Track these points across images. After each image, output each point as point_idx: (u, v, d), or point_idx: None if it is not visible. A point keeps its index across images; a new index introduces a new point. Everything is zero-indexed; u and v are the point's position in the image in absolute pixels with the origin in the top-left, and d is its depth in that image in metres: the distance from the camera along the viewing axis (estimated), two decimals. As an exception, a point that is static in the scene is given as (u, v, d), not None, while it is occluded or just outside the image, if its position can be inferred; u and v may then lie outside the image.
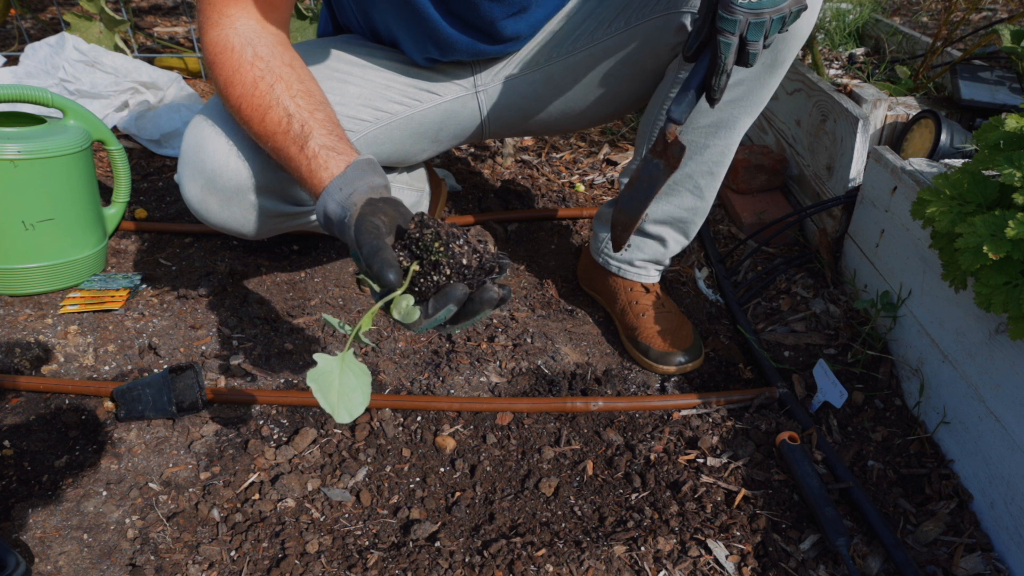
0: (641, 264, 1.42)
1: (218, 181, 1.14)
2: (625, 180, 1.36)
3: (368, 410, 1.23)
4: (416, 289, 0.85)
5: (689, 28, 1.16)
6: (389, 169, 1.43)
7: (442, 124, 1.36)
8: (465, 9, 1.20)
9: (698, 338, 1.38)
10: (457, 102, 1.35)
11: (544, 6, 1.29)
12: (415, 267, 0.85)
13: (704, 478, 1.10)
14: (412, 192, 1.51)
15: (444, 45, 1.26)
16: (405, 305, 0.85)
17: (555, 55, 1.31)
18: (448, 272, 0.84)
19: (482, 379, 1.31)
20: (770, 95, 1.20)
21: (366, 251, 0.85)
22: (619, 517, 1.06)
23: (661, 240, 1.38)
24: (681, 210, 1.33)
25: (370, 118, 1.27)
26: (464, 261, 0.85)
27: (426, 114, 1.33)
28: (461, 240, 0.86)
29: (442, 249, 0.84)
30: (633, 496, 1.09)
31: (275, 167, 1.10)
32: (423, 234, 0.85)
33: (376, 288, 0.85)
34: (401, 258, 0.86)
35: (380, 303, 0.85)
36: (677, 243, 1.39)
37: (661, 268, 1.45)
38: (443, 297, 0.83)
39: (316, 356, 0.84)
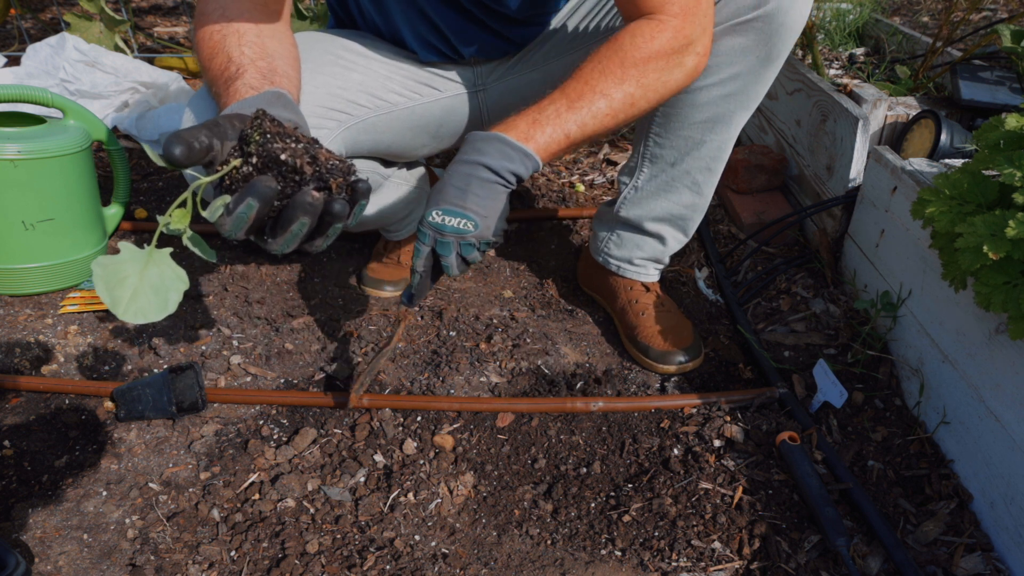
0: (640, 262, 1.42)
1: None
2: (624, 179, 1.37)
3: (368, 410, 1.23)
4: (233, 188, 0.76)
5: None
6: (388, 163, 1.43)
7: (442, 120, 1.37)
8: (480, 13, 1.22)
9: (698, 338, 1.38)
10: (458, 99, 1.36)
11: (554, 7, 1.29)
12: (236, 163, 0.76)
13: (704, 478, 1.10)
14: (411, 189, 1.51)
15: (452, 46, 1.28)
16: (220, 203, 0.75)
17: (554, 54, 1.32)
18: (257, 163, 0.74)
19: (482, 379, 1.31)
20: (765, 90, 1.21)
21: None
22: (619, 517, 1.06)
23: (660, 238, 1.38)
24: (680, 207, 1.33)
25: (369, 104, 1.27)
26: (282, 157, 0.74)
27: (427, 108, 1.34)
28: (292, 140, 0.76)
29: (258, 138, 0.75)
30: (633, 496, 1.09)
31: None
32: (252, 128, 0.76)
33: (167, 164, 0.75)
34: (231, 154, 0.77)
35: (187, 192, 0.76)
36: (676, 240, 1.39)
37: (660, 267, 1.45)
38: (244, 190, 0.74)
39: (121, 244, 0.74)
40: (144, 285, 0.71)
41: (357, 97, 1.26)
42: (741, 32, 1.12)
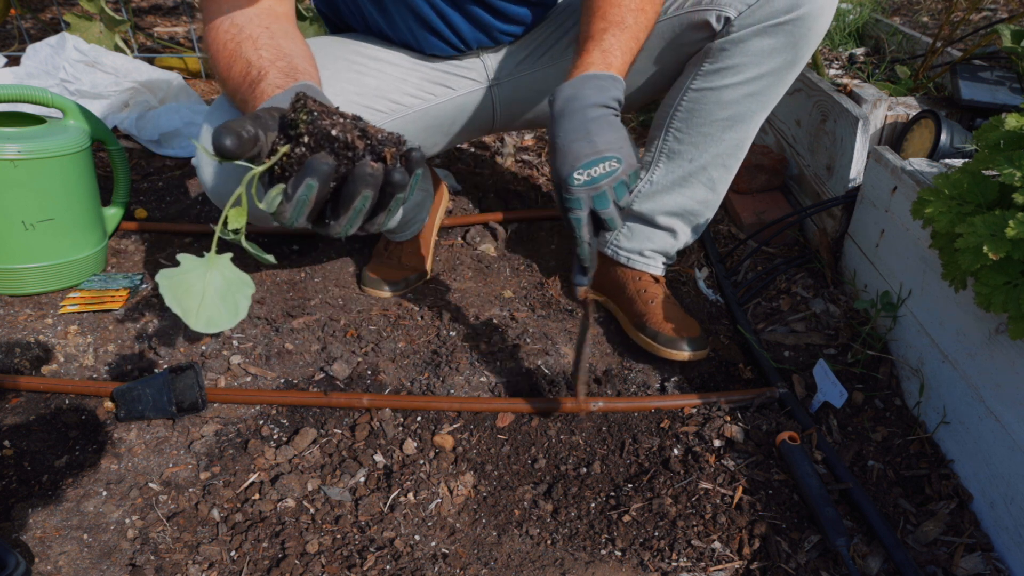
0: (651, 255, 1.43)
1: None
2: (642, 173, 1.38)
3: (368, 410, 1.23)
4: (286, 174, 0.76)
5: (714, 25, 1.19)
6: None
7: (455, 118, 1.37)
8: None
9: (704, 332, 1.38)
10: (471, 96, 1.36)
11: None
12: (284, 149, 0.75)
13: (704, 478, 1.10)
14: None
15: (457, 32, 1.28)
16: (276, 192, 0.74)
17: (571, 51, 1.32)
18: (308, 142, 0.74)
19: (482, 379, 1.31)
20: (785, 91, 1.24)
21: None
22: (619, 517, 1.06)
23: (672, 231, 1.40)
24: (693, 202, 1.35)
25: (385, 109, 1.28)
26: (334, 133, 0.73)
27: (441, 108, 1.34)
28: (339, 116, 0.75)
29: (305, 118, 0.74)
30: (633, 496, 1.09)
31: None
32: (296, 111, 0.75)
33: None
34: (276, 143, 0.76)
35: (242, 185, 0.75)
36: (686, 236, 1.41)
37: (667, 262, 1.46)
38: (302, 171, 0.74)
39: (180, 256, 0.73)
40: (210, 292, 0.70)
41: (375, 103, 1.26)
42: (772, 34, 1.15)
